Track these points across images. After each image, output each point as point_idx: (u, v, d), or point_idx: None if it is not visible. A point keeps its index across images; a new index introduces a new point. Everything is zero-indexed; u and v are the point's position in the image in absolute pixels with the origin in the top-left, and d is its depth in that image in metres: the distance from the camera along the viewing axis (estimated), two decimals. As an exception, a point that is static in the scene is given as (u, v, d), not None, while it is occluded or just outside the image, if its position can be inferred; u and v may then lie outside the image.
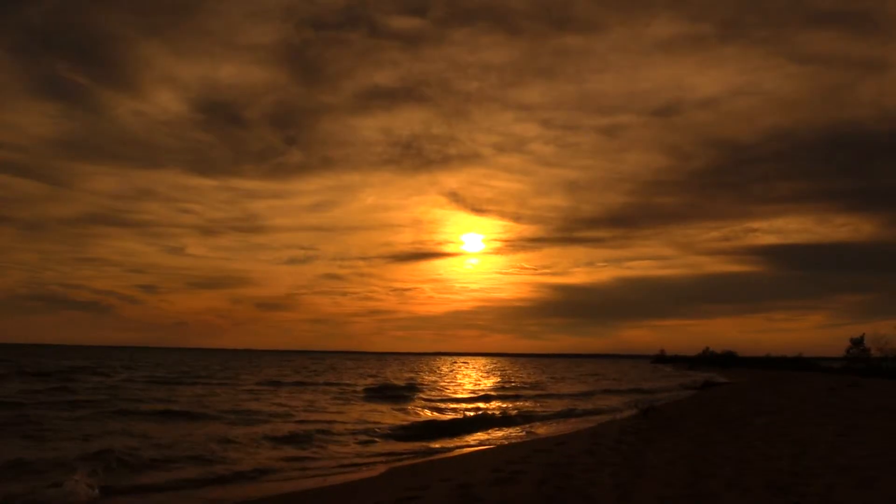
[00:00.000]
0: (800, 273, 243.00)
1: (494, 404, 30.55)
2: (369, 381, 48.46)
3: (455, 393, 38.52)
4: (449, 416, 24.94)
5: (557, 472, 10.57)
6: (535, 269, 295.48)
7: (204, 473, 12.21)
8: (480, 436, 19.45)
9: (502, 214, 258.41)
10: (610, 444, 14.14)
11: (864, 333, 64.28)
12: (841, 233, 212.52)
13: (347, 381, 47.29)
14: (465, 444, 17.76)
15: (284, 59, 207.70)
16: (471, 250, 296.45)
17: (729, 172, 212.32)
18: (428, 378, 57.99)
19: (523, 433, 19.91)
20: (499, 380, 56.62)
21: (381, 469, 13.27)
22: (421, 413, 25.83)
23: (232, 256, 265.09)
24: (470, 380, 56.74)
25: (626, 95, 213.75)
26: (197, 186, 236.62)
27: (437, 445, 17.18)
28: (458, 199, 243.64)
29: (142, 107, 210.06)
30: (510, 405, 29.84)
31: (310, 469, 13.35)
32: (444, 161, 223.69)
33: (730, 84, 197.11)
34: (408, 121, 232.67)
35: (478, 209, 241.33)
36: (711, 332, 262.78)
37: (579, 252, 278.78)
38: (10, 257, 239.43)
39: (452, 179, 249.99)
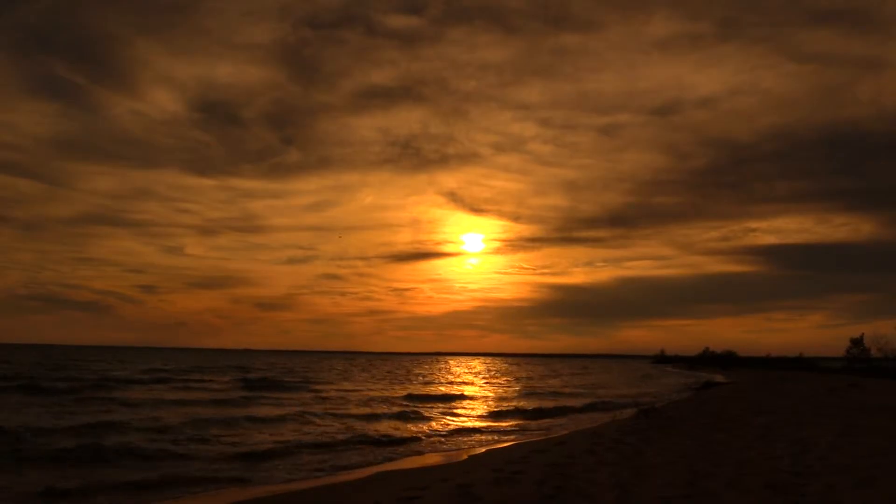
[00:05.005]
0: (799, 273, 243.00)
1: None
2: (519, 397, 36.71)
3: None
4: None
5: (557, 472, 10.56)
6: (535, 269, 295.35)
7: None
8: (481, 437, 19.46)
9: (501, 214, 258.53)
10: (610, 444, 14.13)
11: (863, 333, 64.47)
12: (840, 232, 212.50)
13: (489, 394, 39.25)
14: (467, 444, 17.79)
15: (281, 59, 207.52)
16: (470, 250, 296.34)
17: (728, 172, 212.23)
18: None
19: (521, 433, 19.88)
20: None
21: (377, 469, 13.27)
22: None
23: (231, 256, 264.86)
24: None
25: (624, 94, 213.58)
26: (195, 186, 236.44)
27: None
28: (456, 199, 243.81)
29: (139, 106, 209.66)
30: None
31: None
32: (442, 161, 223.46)
33: (728, 83, 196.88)
34: (406, 120, 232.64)
35: (476, 209, 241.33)
36: (711, 332, 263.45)
37: (579, 252, 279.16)
38: (8, 257, 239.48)
39: (451, 179, 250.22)
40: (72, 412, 21.03)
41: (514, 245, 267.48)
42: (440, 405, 29.75)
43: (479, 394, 38.63)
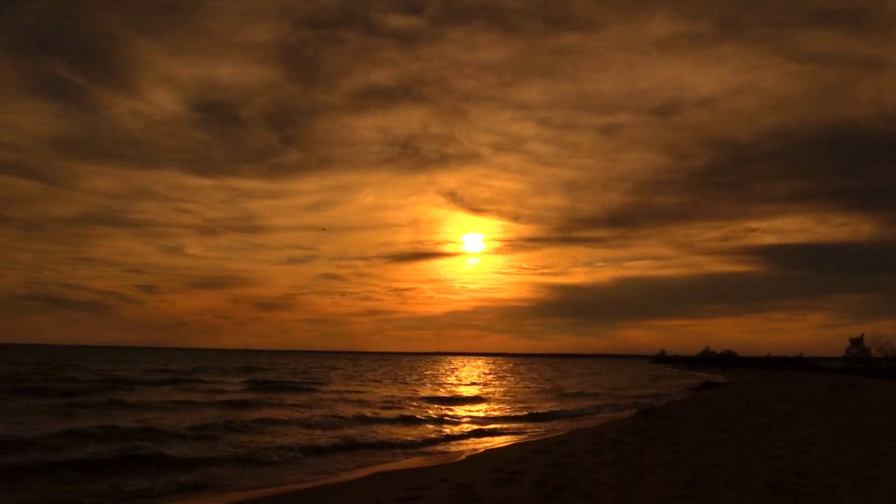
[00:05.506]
0: (800, 273, 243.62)
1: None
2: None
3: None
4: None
5: (557, 472, 10.57)
6: (535, 269, 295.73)
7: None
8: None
9: (501, 214, 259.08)
10: (610, 444, 14.14)
11: (863, 333, 64.55)
12: (840, 232, 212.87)
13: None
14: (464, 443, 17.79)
15: (281, 59, 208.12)
16: (470, 250, 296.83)
17: (728, 172, 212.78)
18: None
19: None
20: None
21: (377, 469, 13.27)
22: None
23: (231, 256, 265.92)
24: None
25: (624, 94, 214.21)
26: (195, 186, 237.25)
27: None
28: (456, 199, 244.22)
29: (139, 106, 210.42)
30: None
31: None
32: (442, 161, 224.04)
33: (728, 83, 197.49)
34: (405, 120, 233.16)
35: (476, 209, 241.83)
36: (711, 332, 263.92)
37: (579, 252, 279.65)
38: (8, 257, 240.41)
39: (451, 179, 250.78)
40: (74, 415, 20.85)
41: (514, 245, 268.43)
42: (456, 406, 29.61)
43: (493, 395, 38.27)
